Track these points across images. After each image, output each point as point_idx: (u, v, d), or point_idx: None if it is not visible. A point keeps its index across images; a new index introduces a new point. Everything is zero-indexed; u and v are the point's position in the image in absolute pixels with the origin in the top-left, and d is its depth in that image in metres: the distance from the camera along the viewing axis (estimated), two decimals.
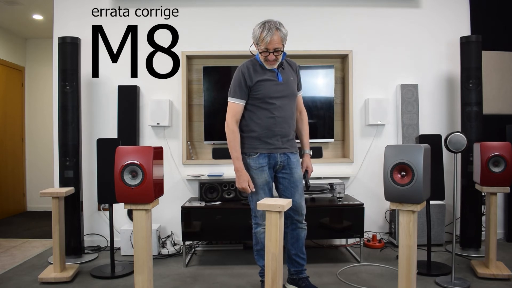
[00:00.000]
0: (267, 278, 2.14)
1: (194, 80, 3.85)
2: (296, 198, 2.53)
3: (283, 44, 2.39)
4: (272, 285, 2.12)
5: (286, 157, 2.54)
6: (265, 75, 2.47)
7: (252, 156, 2.50)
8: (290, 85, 2.53)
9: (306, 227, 2.64)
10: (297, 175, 2.56)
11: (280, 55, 2.42)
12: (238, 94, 2.46)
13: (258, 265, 2.64)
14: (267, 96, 2.46)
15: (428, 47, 3.87)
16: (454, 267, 2.70)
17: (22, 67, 5.69)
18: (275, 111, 2.46)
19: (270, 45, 2.35)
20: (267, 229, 2.12)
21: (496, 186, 2.81)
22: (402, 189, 2.09)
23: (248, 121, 2.51)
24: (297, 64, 2.65)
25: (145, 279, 2.28)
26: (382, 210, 3.83)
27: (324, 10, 3.84)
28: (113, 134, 3.72)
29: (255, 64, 2.50)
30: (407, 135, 3.74)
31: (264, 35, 2.33)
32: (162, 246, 3.57)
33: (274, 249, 2.11)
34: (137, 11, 3.78)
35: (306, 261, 2.67)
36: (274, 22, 2.36)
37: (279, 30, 2.34)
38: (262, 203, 2.12)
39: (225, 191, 3.42)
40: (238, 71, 2.49)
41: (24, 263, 3.29)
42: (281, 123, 2.48)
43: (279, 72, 2.50)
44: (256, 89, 2.46)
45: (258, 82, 2.45)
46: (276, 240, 2.11)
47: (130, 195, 2.24)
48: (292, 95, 2.53)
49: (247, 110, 2.52)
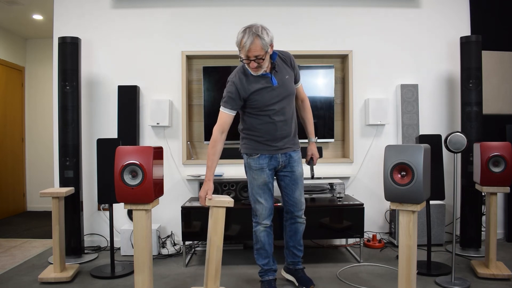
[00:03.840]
0: (210, 269, 2.29)
1: (194, 80, 3.85)
2: (296, 194, 2.59)
3: (266, 51, 2.27)
4: (215, 275, 2.30)
5: (287, 156, 2.55)
6: (259, 83, 2.40)
7: (253, 156, 2.52)
8: (287, 85, 2.47)
9: (305, 221, 2.68)
10: (298, 172, 2.59)
11: (264, 61, 2.30)
12: (229, 105, 2.41)
13: (258, 264, 2.65)
14: (264, 105, 2.42)
15: (428, 47, 3.87)
16: (454, 267, 2.70)
17: (22, 67, 5.70)
18: (274, 116, 2.45)
19: (250, 53, 2.25)
20: (213, 223, 2.27)
21: (496, 186, 2.81)
22: (402, 189, 2.09)
23: (249, 125, 2.52)
24: (291, 55, 2.55)
25: (145, 279, 2.28)
26: (382, 210, 3.83)
27: (324, 10, 3.84)
28: (113, 134, 3.72)
29: (246, 72, 2.41)
30: (407, 135, 3.74)
31: (243, 42, 2.24)
32: (162, 246, 3.57)
33: (219, 242, 2.29)
34: (137, 11, 3.78)
35: (302, 253, 2.73)
36: (256, 28, 2.24)
37: (259, 37, 2.22)
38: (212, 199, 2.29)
39: (225, 191, 3.42)
40: (231, 82, 2.42)
41: (24, 263, 3.29)
42: (282, 126, 2.49)
43: (272, 75, 2.41)
44: (252, 100, 2.42)
45: (253, 93, 2.39)
46: (221, 234, 2.30)
47: (130, 195, 2.24)
48: (290, 95, 2.50)
49: (247, 115, 2.51)
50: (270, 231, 2.61)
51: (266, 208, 2.55)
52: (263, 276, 2.64)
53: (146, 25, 3.78)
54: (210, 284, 2.29)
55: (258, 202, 2.55)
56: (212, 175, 2.39)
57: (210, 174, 2.38)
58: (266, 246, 2.60)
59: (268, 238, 2.60)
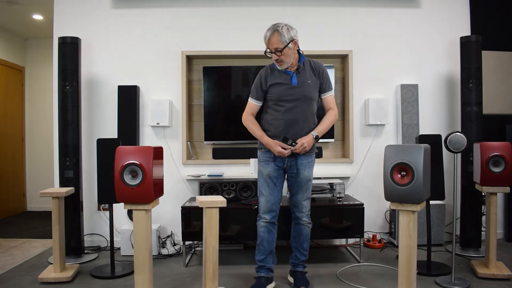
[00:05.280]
0: (207, 270, 2.29)
1: (194, 80, 3.85)
2: (298, 196, 2.64)
3: (286, 46, 2.43)
4: (213, 276, 2.29)
5: (293, 158, 2.58)
6: (280, 78, 2.56)
7: (262, 150, 2.63)
8: (306, 88, 2.55)
9: (310, 225, 2.69)
10: (303, 176, 2.62)
11: (285, 56, 2.46)
12: (255, 95, 2.63)
13: (255, 259, 2.69)
14: (279, 99, 2.55)
15: (428, 47, 3.87)
16: (454, 267, 2.70)
17: (22, 67, 5.70)
18: (284, 113, 2.53)
19: (270, 46, 2.47)
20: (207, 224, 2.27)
21: (496, 186, 2.81)
22: (402, 189, 2.09)
23: (264, 121, 2.65)
24: (322, 65, 2.64)
25: (145, 279, 2.28)
26: (382, 210, 3.83)
27: (324, 10, 3.84)
28: (113, 134, 3.72)
29: (273, 67, 2.59)
30: (407, 135, 3.74)
31: (265, 35, 2.48)
32: (162, 246, 3.57)
33: (215, 243, 2.28)
34: (137, 11, 3.78)
35: (306, 257, 2.73)
36: (278, 25, 2.45)
37: (278, 32, 2.42)
38: (203, 200, 2.30)
39: (225, 191, 3.42)
40: (259, 74, 2.63)
41: (24, 263, 3.29)
42: (290, 126, 2.53)
43: (294, 75, 2.54)
44: (270, 92, 2.58)
45: (272, 85, 2.56)
46: (216, 234, 2.29)
47: (130, 195, 2.24)
48: (306, 98, 2.55)
49: (265, 110, 2.66)
50: (271, 228, 2.63)
51: (267, 201, 2.59)
52: (257, 272, 2.69)
53: (146, 25, 3.78)
54: (208, 284, 2.29)
55: (261, 194, 2.63)
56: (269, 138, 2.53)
57: (266, 138, 2.54)
58: (264, 242, 2.62)
59: (268, 235, 2.62)
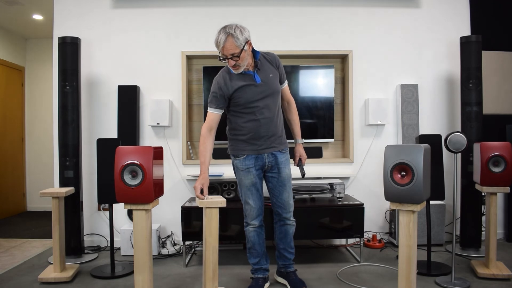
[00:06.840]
0: (207, 270, 2.28)
1: (194, 80, 3.85)
2: (284, 196, 2.60)
3: (242, 49, 2.29)
4: (213, 276, 2.28)
5: (273, 157, 2.56)
6: (242, 80, 2.44)
7: (239, 157, 2.54)
8: (271, 83, 2.49)
9: (295, 223, 2.69)
10: (285, 174, 2.59)
11: (242, 60, 2.33)
12: (214, 104, 2.48)
13: (249, 262, 2.69)
14: (248, 101, 2.45)
15: (428, 47, 3.87)
16: (454, 267, 2.70)
17: (22, 67, 5.70)
18: (258, 113, 2.46)
19: (225, 52, 2.31)
20: (207, 224, 2.26)
21: (496, 186, 2.81)
22: (402, 189, 2.09)
23: (234, 125, 2.54)
24: (276, 56, 2.58)
25: (145, 279, 2.28)
26: (382, 210, 3.83)
27: (324, 10, 3.84)
28: (113, 134, 3.72)
29: (230, 71, 2.45)
30: (407, 135, 3.74)
31: (218, 41, 2.30)
32: (162, 246, 3.57)
33: (214, 243, 2.27)
34: (137, 10, 3.78)
35: (294, 255, 2.72)
36: (230, 27, 2.29)
37: (232, 36, 2.26)
38: (203, 200, 2.26)
39: (225, 191, 3.42)
40: (215, 81, 2.49)
41: (24, 263, 3.29)
42: (266, 124, 2.48)
43: (255, 73, 2.45)
44: (236, 97, 2.45)
45: (236, 90, 2.43)
46: (216, 234, 2.28)
47: (130, 195, 2.24)
48: (274, 93, 2.51)
49: (232, 114, 2.54)
50: (260, 231, 2.63)
51: (254, 209, 2.57)
52: (254, 274, 2.70)
53: (146, 25, 3.78)
54: (208, 285, 2.28)
55: (246, 203, 2.59)
56: (207, 170, 2.41)
57: (204, 168, 2.40)
58: (256, 246, 2.62)
59: (259, 238, 2.62)
